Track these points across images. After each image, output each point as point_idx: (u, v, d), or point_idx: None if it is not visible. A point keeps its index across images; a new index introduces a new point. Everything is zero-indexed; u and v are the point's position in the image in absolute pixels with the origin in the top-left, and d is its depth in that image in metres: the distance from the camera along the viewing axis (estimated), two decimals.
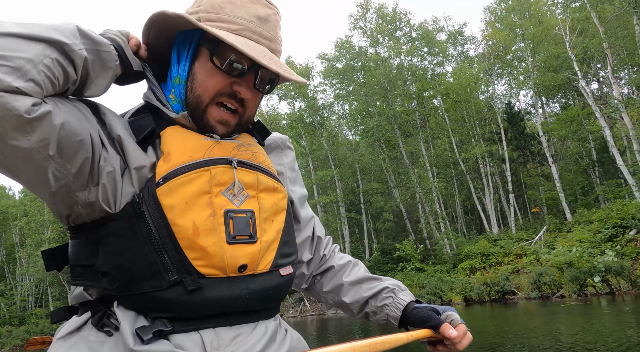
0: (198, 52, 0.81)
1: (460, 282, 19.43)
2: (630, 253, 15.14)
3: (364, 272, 1.07)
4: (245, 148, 0.84)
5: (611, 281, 14.43)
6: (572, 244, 17.43)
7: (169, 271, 0.71)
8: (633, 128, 17.57)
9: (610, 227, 17.12)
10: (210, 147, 0.79)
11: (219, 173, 0.77)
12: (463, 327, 0.93)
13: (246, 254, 0.76)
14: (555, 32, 22.51)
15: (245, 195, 0.79)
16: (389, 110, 25.21)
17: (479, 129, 26.58)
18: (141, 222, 0.71)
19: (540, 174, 28.17)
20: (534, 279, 16.37)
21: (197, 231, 0.72)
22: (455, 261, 22.17)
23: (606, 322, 9.09)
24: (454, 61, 29.40)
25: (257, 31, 0.80)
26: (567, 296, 15.07)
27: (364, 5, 27.04)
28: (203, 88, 0.80)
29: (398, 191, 25.88)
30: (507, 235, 22.98)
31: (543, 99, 30.54)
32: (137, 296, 0.72)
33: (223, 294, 0.74)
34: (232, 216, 0.76)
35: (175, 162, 0.75)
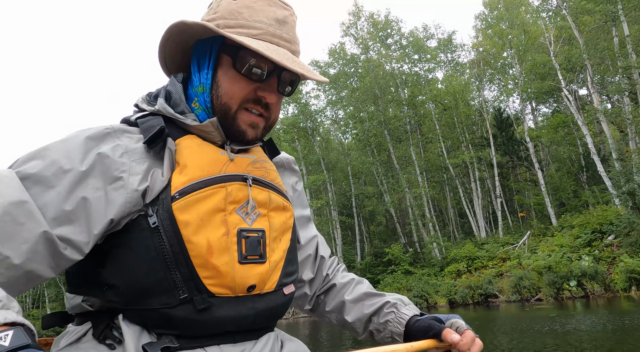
0: (219, 60, 0.81)
1: (446, 285, 19.95)
2: (607, 258, 15.67)
3: (367, 289, 1.04)
4: (259, 164, 0.85)
5: (586, 285, 14.95)
6: (553, 249, 17.96)
7: (180, 288, 0.71)
8: (611, 136, 18.10)
9: (590, 232, 17.65)
10: (226, 162, 0.80)
11: (234, 190, 0.77)
12: (470, 334, 0.87)
13: (256, 274, 0.77)
14: (541, 41, 23.04)
15: (257, 213, 0.80)
16: (379, 115, 25.75)
17: (468, 135, 27.11)
18: (155, 237, 0.71)
19: (528, 179, 28.69)
20: (515, 283, 16.89)
21: (211, 250, 0.72)
22: (443, 265, 22.69)
23: (543, 325, 9.60)
24: (445, 68, 29.96)
25: (277, 34, 0.81)
26: (544, 300, 15.59)
27: (356, 14, 27.62)
28: (229, 96, 0.80)
29: (388, 195, 26.39)
30: (494, 239, 23.51)
31: (533, 104, 31.12)
32: (144, 311, 0.72)
33: (231, 314, 0.75)
34: (244, 235, 0.76)
35: (191, 176, 0.75)
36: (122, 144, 0.75)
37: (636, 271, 13.77)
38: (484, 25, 28.90)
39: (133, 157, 0.75)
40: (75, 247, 0.67)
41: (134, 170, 0.73)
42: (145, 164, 0.75)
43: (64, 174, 0.69)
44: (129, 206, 0.71)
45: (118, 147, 0.75)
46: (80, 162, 0.70)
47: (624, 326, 8.62)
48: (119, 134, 0.77)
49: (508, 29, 24.55)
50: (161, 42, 0.84)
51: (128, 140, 0.77)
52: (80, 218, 0.68)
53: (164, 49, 0.86)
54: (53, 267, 0.66)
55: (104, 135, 0.75)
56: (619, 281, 14.20)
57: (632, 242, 15.06)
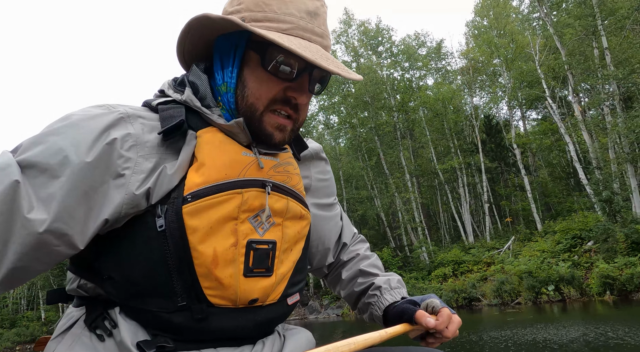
0: (246, 57, 0.76)
1: (432, 289, 20.39)
2: (585, 263, 16.18)
3: (363, 266, 1.03)
4: (282, 168, 0.80)
5: (563, 290, 15.45)
6: (534, 254, 18.47)
7: (179, 295, 0.69)
8: (592, 145, 18.64)
9: (570, 238, 18.18)
10: (247, 165, 0.75)
11: (250, 198, 0.73)
12: (446, 312, 0.86)
13: (260, 288, 0.75)
14: (527, 51, 23.61)
15: (271, 222, 0.76)
16: (369, 122, 26.27)
17: (457, 141, 27.65)
18: (159, 239, 0.68)
19: (516, 184, 29.25)
20: (496, 287, 17.38)
21: (217, 261, 0.69)
22: (431, 268, 23.17)
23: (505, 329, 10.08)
24: (435, 75, 30.54)
25: (309, 28, 0.75)
26: (523, 304, 16.08)
27: (347, 22, 28.16)
28: (256, 96, 0.75)
29: (379, 200, 26.88)
30: (480, 244, 24.02)
31: (523, 110, 31.69)
32: (141, 310, 0.70)
33: (229, 324, 0.73)
34: (254, 247, 0.73)
35: (208, 178, 0.70)
36: (134, 134, 0.70)
37: (610, 276, 14.28)
38: (475, 32, 29.48)
39: (142, 152, 0.70)
40: (70, 244, 0.64)
41: (139, 168, 0.69)
42: (153, 160, 0.70)
43: (70, 165, 0.64)
44: (126, 207, 0.67)
45: (128, 137, 0.69)
46: (87, 152, 0.65)
47: (583, 332, 9.12)
48: (133, 121, 0.71)
49: (496, 38, 25.11)
50: (180, 36, 0.79)
51: (141, 129, 0.71)
52: (80, 213, 0.64)
53: (183, 43, 0.80)
54: (46, 263, 0.64)
55: (115, 122, 0.69)
56: (594, 286, 14.70)
57: (609, 249, 15.57)
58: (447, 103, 25.66)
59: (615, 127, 16.55)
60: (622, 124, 16.14)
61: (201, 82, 0.78)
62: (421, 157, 29.76)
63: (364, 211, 27.72)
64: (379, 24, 28.00)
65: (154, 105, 0.77)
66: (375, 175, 27.44)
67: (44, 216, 0.62)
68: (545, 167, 29.43)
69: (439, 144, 28.74)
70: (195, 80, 0.79)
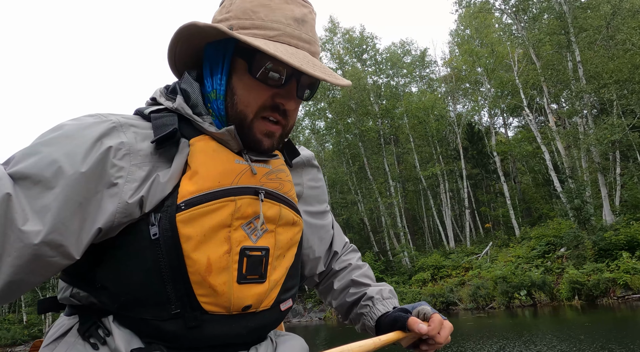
0: (234, 64, 0.77)
1: (411, 293, 20.82)
2: (557, 269, 16.75)
3: (356, 277, 1.03)
4: (274, 175, 0.81)
5: (535, 295, 15.98)
6: (510, 260, 19.01)
7: (173, 303, 0.69)
8: (565, 155, 19.27)
9: (544, 244, 18.76)
10: (240, 173, 0.75)
11: (244, 205, 0.74)
12: (437, 318, 0.87)
13: (253, 294, 0.75)
14: (507, 61, 24.27)
15: (264, 229, 0.77)
16: (353, 129, 26.72)
17: (439, 148, 28.23)
18: (153, 247, 0.68)
19: (497, 190, 29.90)
20: (472, 292, 17.87)
21: (210, 268, 0.70)
22: (411, 273, 23.62)
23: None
24: (419, 83, 31.14)
25: (296, 35, 0.76)
26: (497, 308, 16.59)
27: (332, 30, 28.62)
28: (244, 103, 0.76)
29: (363, 204, 27.30)
30: (461, 249, 24.55)
31: (505, 117, 32.42)
32: (134, 319, 0.70)
33: (222, 332, 0.74)
34: (247, 254, 0.74)
35: (201, 186, 0.71)
36: (127, 142, 0.70)
37: (579, 281, 14.84)
38: (458, 41, 30.13)
39: (135, 160, 0.70)
40: (66, 254, 0.64)
41: (132, 177, 0.69)
42: (146, 168, 0.71)
43: (64, 175, 0.64)
44: (119, 216, 0.67)
45: (121, 146, 0.69)
46: (81, 162, 0.65)
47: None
48: (125, 129, 0.71)
49: (477, 48, 25.76)
50: (170, 45, 0.80)
51: (134, 138, 0.71)
52: (75, 224, 0.64)
53: (173, 51, 0.81)
54: (42, 275, 0.64)
55: (108, 131, 0.69)
56: (563, 291, 15.25)
57: (578, 255, 16.16)
58: (429, 112, 26.21)
59: (587, 139, 17.18)
60: (593, 135, 16.77)
61: (193, 90, 0.79)
62: (406, 163, 30.29)
63: (348, 216, 28.11)
64: (363, 32, 28.51)
65: (147, 114, 0.77)
66: (359, 180, 27.87)
67: (38, 227, 0.61)
68: (528, 173, 30.11)
69: (423, 150, 29.30)
70: (187, 87, 0.80)
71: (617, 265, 14.61)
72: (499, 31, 25.79)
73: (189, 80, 0.80)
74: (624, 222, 16.25)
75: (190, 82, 0.80)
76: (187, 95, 0.79)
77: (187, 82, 0.80)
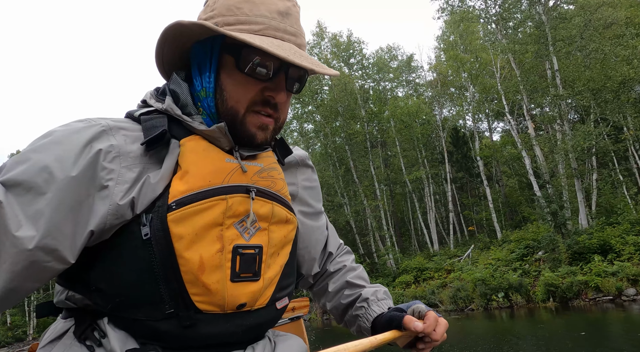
0: (222, 61, 0.77)
1: (395, 295, 21.08)
2: (534, 272, 17.19)
3: (350, 278, 1.03)
4: (265, 173, 0.81)
5: (512, 297, 16.40)
6: (490, 262, 19.43)
7: (166, 303, 0.70)
8: (545, 160, 19.78)
9: (523, 247, 19.21)
10: (231, 171, 0.76)
11: (235, 204, 0.74)
12: (432, 315, 0.86)
13: (247, 292, 0.75)
14: (490, 68, 24.78)
15: (257, 227, 0.77)
16: (340, 132, 27.05)
17: (424, 152, 28.67)
18: (145, 248, 0.68)
19: (482, 194, 30.43)
20: (453, 294, 18.25)
21: (203, 267, 0.70)
22: (396, 275, 23.95)
23: None
24: (406, 87, 31.58)
25: (281, 28, 0.76)
26: (475, 310, 16.98)
27: (319, 34, 28.94)
28: (235, 99, 0.76)
29: (349, 207, 27.61)
30: (444, 251, 24.96)
31: (490, 122, 33.00)
32: (129, 320, 0.71)
33: (217, 331, 0.74)
34: (240, 252, 0.74)
35: (192, 185, 0.71)
36: (116, 145, 0.71)
37: (553, 284, 15.28)
38: (443, 46, 30.62)
39: (125, 163, 0.71)
40: (61, 258, 0.64)
41: (122, 178, 0.70)
42: (136, 170, 0.72)
43: (55, 180, 0.65)
44: (110, 218, 0.68)
45: (111, 148, 0.70)
46: (71, 167, 0.66)
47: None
48: (115, 133, 0.73)
49: (462, 54, 26.24)
50: (157, 46, 0.81)
51: (123, 141, 0.72)
52: (68, 228, 0.65)
53: (161, 52, 0.82)
54: (38, 280, 0.65)
55: (98, 135, 0.71)
56: (539, 293, 15.69)
57: (554, 258, 16.62)
58: (414, 117, 26.64)
59: (563, 145, 17.68)
60: (569, 142, 17.27)
61: (181, 90, 0.79)
62: (392, 165, 30.68)
63: (335, 218, 28.40)
64: (350, 37, 28.87)
65: (137, 116, 0.78)
66: (346, 183, 28.19)
67: (32, 232, 0.62)
68: (514, 176, 30.65)
69: (409, 154, 29.72)
70: (175, 88, 0.80)
71: (589, 268, 15.08)
72: (483, 38, 26.30)
73: (178, 81, 0.81)
74: (597, 226, 16.75)
75: (179, 83, 0.81)
76: (176, 96, 0.80)
77: (175, 83, 0.81)
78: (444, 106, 31.08)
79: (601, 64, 16.09)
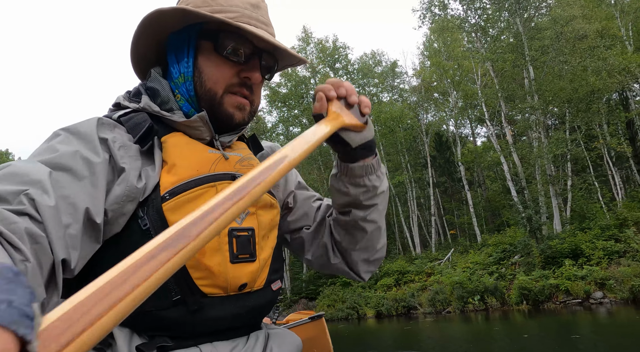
0: (199, 47, 0.81)
1: (376, 298, 21.50)
2: (510, 275, 17.67)
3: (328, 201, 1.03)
4: (246, 162, 0.85)
5: (487, 300, 16.85)
6: (468, 266, 19.88)
7: (172, 290, 0.71)
8: (521, 165, 20.33)
9: (501, 251, 19.70)
10: (215, 161, 0.80)
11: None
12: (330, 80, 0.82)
13: (247, 273, 0.78)
14: (471, 76, 25.34)
15: (247, 212, 0.80)
16: None
17: (407, 157, 29.13)
18: (146, 237, 0.68)
19: (463, 198, 30.99)
20: (431, 297, 18.65)
21: (203, 250, 0.72)
22: (378, 278, 24.28)
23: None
24: (390, 93, 32.06)
25: (254, 16, 0.81)
26: (452, 312, 17.40)
27: (305, 39, 29.28)
28: (213, 81, 0.80)
29: None
30: (426, 255, 25.38)
31: (473, 127, 33.65)
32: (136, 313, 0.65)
33: (223, 313, 0.76)
34: (235, 235, 0.76)
35: (181, 176, 0.75)
36: (118, 137, 0.75)
37: (527, 287, 15.76)
38: (426, 53, 31.16)
39: (129, 152, 0.75)
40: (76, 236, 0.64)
41: (133, 165, 0.73)
42: (139, 161, 0.75)
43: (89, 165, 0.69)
44: (125, 200, 0.71)
45: (115, 139, 0.75)
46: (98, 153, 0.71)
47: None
48: (112, 128, 0.77)
49: (444, 62, 26.78)
50: (134, 39, 0.82)
51: (120, 136, 0.76)
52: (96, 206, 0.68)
53: (136, 46, 0.84)
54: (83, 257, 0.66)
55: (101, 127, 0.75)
56: (513, 296, 16.16)
57: (529, 262, 17.12)
58: (397, 122, 27.08)
59: (538, 152, 18.22)
60: (544, 148, 17.82)
61: (162, 87, 0.82)
62: None
63: None
64: (336, 42, 29.27)
65: (115, 119, 0.80)
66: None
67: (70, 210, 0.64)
68: (498, 180, 31.26)
69: (392, 158, 30.15)
70: (155, 85, 0.83)
71: (561, 272, 15.59)
72: (465, 46, 26.90)
73: (157, 78, 0.84)
74: (570, 232, 17.29)
75: (159, 80, 0.84)
76: (155, 93, 0.83)
77: (155, 81, 0.84)
78: (428, 111, 31.64)
79: (572, 75, 16.67)
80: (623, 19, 21.63)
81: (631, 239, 15.01)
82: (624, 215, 16.51)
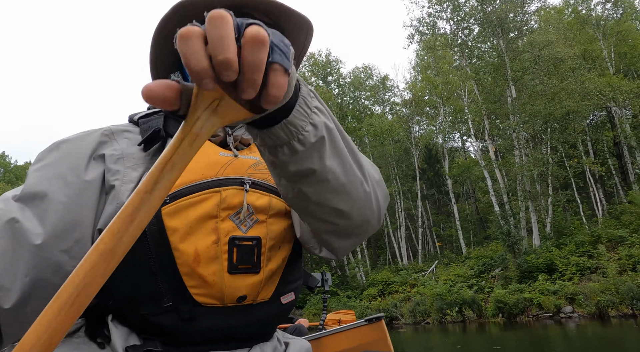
0: None
1: (360, 308, 21.81)
2: (489, 288, 18.14)
3: None
4: (262, 166, 0.81)
5: (465, 312, 17.32)
6: (449, 278, 20.35)
7: (165, 296, 0.70)
8: (504, 180, 20.92)
9: (482, 264, 20.19)
10: (225, 164, 0.76)
11: (229, 196, 0.74)
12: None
13: (247, 285, 0.74)
14: (458, 93, 26.05)
15: (254, 220, 0.76)
16: None
17: (396, 169, 29.74)
18: (141, 242, 0.68)
19: (451, 211, 31.53)
20: (412, 308, 19.09)
21: (198, 259, 0.70)
22: (364, 288, 24.71)
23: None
24: (382, 105, 32.75)
25: None
26: (431, 323, 17.84)
27: None
28: None
29: None
30: (412, 266, 25.83)
31: (463, 140, 34.31)
32: (129, 315, 0.71)
33: (218, 324, 0.73)
34: (237, 244, 0.73)
35: (185, 179, 0.72)
36: (119, 148, 0.75)
37: (502, 300, 16.24)
38: (417, 68, 31.92)
39: (128, 163, 0.74)
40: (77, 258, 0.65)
41: (127, 178, 0.72)
42: (140, 169, 0.74)
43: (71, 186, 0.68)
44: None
45: (114, 151, 0.74)
46: (84, 172, 0.70)
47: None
48: (117, 136, 0.77)
49: (433, 77, 27.50)
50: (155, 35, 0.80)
51: (126, 143, 0.76)
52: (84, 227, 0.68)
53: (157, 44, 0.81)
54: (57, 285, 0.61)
55: (101, 141, 0.75)
56: (489, 309, 16.63)
57: (506, 276, 17.63)
58: (387, 135, 27.70)
59: (519, 169, 18.82)
60: (524, 166, 18.43)
61: None
62: None
63: None
64: (329, 56, 30.01)
65: (136, 120, 0.81)
66: None
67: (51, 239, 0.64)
68: (488, 193, 31.77)
69: (382, 171, 30.71)
70: None
71: (535, 286, 16.09)
72: (453, 63, 27.66)
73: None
74: (545, 247, 17.83)
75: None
76: None
77: None
78: (419, 124, 32.30)
79: (551, 95, 17.35)
80: (605, 41, 22.43)
81: (602, 256, 15.55)
82: (598, 232, 17.07)
